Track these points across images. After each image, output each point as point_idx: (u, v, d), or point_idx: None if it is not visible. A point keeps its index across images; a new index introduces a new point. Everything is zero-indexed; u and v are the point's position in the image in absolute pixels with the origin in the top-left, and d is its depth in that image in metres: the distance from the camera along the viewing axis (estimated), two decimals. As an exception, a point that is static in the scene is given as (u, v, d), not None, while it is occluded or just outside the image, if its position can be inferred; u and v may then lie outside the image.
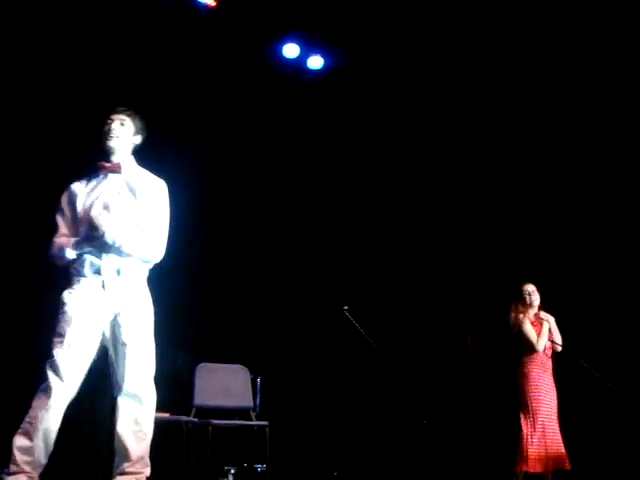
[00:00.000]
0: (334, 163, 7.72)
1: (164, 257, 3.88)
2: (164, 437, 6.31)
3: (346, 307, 4.84)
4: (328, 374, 7.41)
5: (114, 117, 3.86)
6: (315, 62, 7.53)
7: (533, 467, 5.19)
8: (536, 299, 5.64)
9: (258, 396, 6.19)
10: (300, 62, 7.53)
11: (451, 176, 7.45)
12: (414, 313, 7.26)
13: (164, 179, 3.99)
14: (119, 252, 3.67)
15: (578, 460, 5.35)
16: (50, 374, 3.46)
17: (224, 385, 5.51)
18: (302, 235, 7.61)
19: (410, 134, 7.55)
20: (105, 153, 3.85)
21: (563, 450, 5.26)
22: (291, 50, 7.44)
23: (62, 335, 3.54)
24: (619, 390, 5.21)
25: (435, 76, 7.22)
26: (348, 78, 7.44)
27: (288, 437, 6.59)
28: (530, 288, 5.67)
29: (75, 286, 3.68)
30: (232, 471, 6.21)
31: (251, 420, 5.43)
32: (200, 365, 5.47)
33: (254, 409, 5.62)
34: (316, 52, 7.50)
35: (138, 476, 3.58)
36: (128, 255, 3.70)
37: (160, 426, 5.79)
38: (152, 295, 3.89)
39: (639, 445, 5.87)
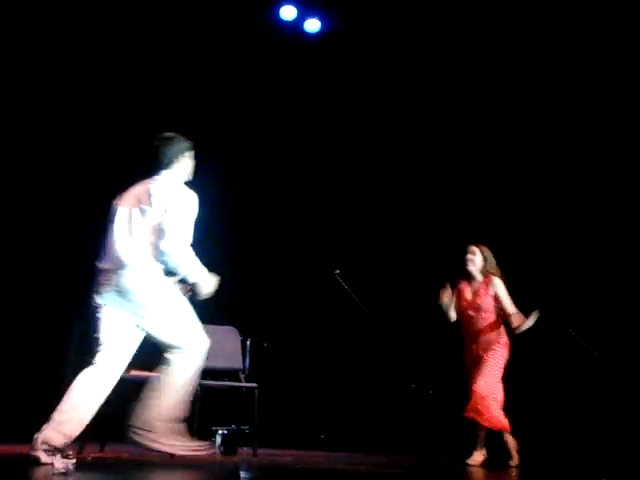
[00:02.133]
0: (329, 128, 7.68)
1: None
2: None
3: (338, 271, 4.83)
4: (318, 337, 7.45)
5: None
6: (312, 25, 7.46)
7: None
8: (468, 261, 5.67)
9: (247, 358, 6.20)
10: (297, 25, 7.46)
11: (442, 141, 7.43)
12: (404, 279, 7.28)
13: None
14: None
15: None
16: None
17: (213, 346, 5.48)
18: (295, 198, 7.59)
19: (405, 100, 7.50)
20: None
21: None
22: (288, 12, 7.36)
23: None
24: (606, 360, 5.24)
25: (432, 41, 7.16)
26: (345, 42, 7.36)
27: (276, 399, 6.63)
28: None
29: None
30: (220, 432, 6.24)
31: (240, 382, 5.43)
32: (190, 326, 5.43)
33: (243, 371, 5.61)
34: (313, 15, 7.43)
35: None
36: None
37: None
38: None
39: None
